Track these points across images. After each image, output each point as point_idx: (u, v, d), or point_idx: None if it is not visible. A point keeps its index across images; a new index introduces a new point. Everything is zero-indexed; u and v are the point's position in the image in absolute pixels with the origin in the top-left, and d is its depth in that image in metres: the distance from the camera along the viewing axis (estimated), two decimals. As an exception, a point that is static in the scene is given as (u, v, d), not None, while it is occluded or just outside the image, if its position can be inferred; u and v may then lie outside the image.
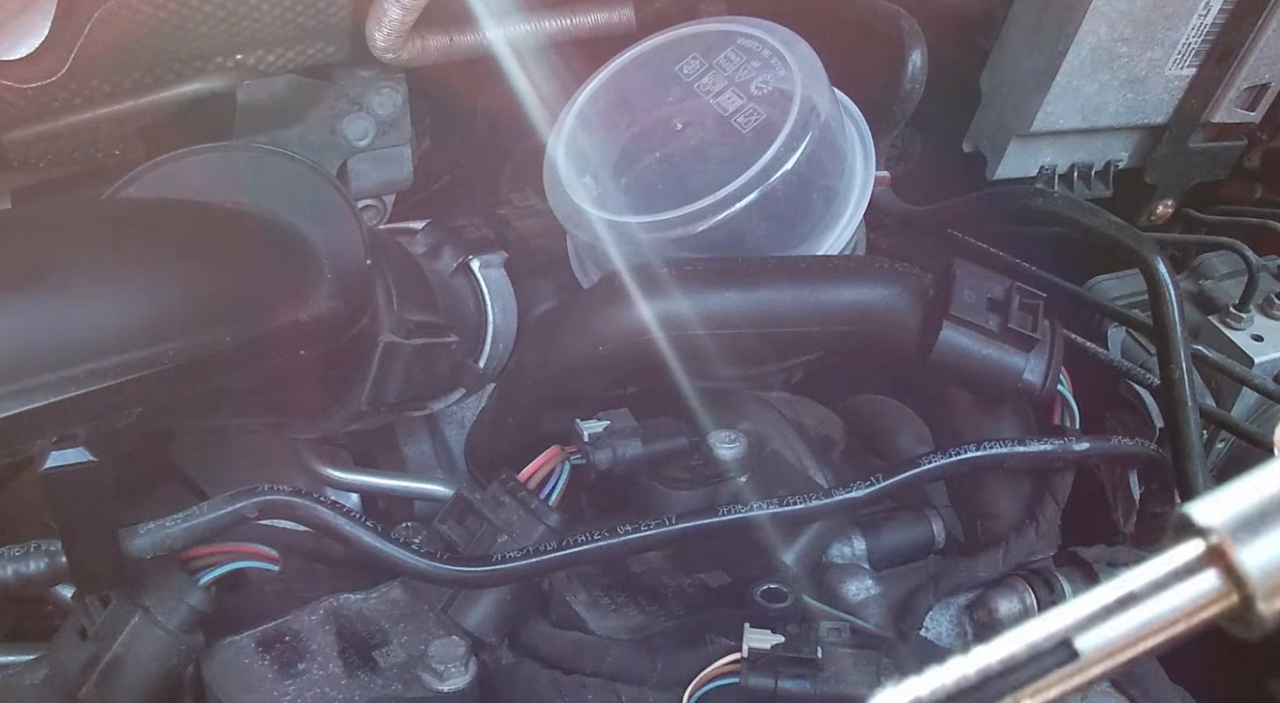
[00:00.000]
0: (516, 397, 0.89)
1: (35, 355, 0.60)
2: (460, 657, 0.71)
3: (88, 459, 0.60)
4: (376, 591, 0.79)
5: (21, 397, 0.59)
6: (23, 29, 0.64)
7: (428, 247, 0.94)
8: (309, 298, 0.73)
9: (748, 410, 0.92)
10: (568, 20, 0.91)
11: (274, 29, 0.79)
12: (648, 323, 0.78)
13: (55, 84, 0.68)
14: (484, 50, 0.88)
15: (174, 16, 0.73)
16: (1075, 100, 1.08)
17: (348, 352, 0.77)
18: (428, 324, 0.83)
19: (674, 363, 0.79)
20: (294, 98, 0.84)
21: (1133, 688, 0.79)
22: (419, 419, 0.99)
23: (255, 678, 0.72)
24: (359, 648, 0.75)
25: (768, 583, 0.73)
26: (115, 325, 0.63)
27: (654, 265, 0.81)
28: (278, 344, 0.70)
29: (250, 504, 0.68)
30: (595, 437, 0.79)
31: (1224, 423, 1.01)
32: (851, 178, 0.90)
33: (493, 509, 0.77)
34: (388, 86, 0.89)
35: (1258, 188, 1.33)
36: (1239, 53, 1.09)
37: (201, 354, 0.65)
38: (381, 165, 0.94)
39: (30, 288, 0.62)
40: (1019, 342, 0.77)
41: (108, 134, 0.81)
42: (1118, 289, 1.18)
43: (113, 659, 0.70)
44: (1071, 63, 1.05)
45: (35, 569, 0.66)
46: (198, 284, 0.69)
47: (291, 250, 0.75)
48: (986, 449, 0.80)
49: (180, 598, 0.71)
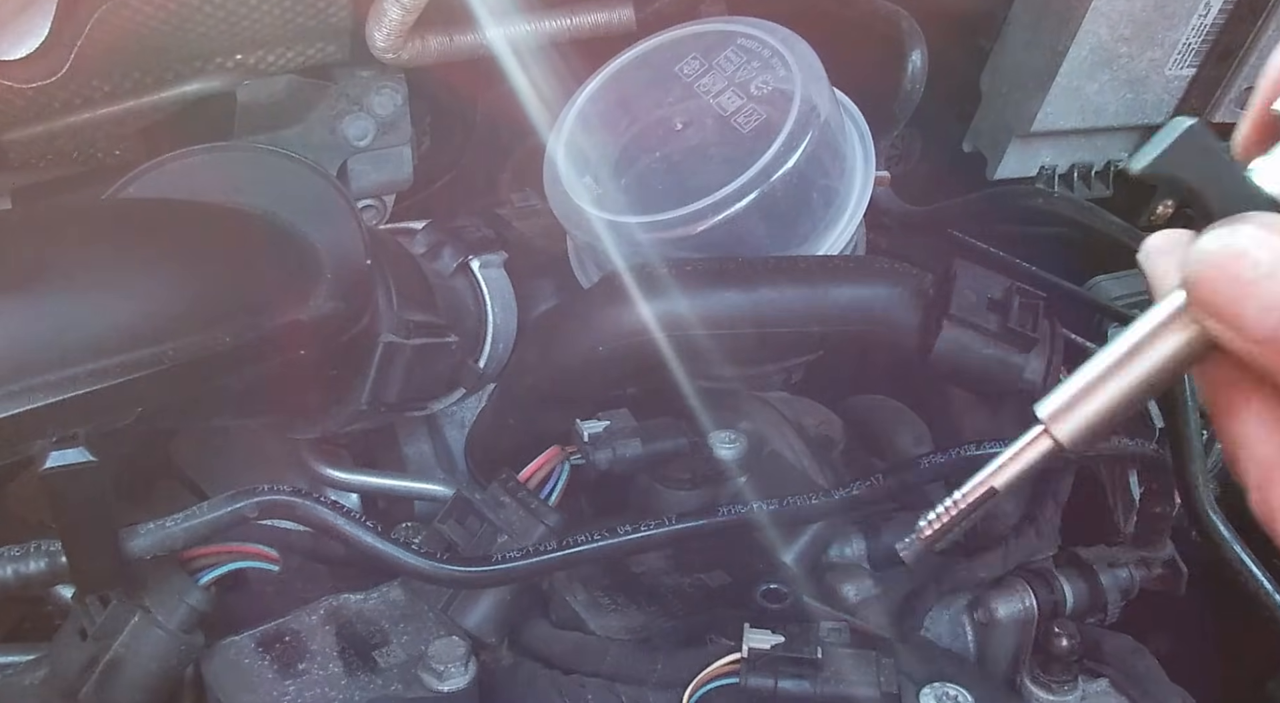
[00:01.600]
0: (516, 397, 0.89)
1: (35, 355, 0.60)
2: (460, 657, 0.71)
3: (88, 459, 0.60)
4: (376, 591, 0.79)
5: (21, 397, 0.59)
6: (23, 29, 0.64)
7: (428, 247, 0.94)
8: (309, 298, 0.73)
9: (748, 410, 0.92)
10: (568, 20, 0.91)
11: (274, 29, 0.79)
12: (648, 323, 0.78)
13: (55, 84, 0.68)
14: (484, 50, 0.88)
15: (174, 16, 0.73)
16: (1075, 100, 1.08)
17: (348, 352, 0.77)
18: (428, 324, 0.83)
19: (674, 363, 0.79)
20: (294, 98, 0.84)
21: (1132, 688, 0.79)
22: (419, 419, 0.99)
23: (255, 678, 0.72)
24: (359, 648, 0.75)
25: (768, 583, 0.73)
26: (115, 325, 0.63)
27: (654, 265, 0.81)
28: (278, 344, 0.70)
29: (250, 504, 0.68)
30: (595, 437, 0.79)
31: (1224, 423, 1.00)
32: (851, 178, 0.90)
33: (493, 509, 0.77)
34: (388, 86, 0.89)
35: (1257, 188, 1.33)
36: (1239, 53, 1.09)
37: (201, 354, 0.65)
38: (381, 165, 0.94)
39: (30, 288, 0.62)
40: (1019, 341, 0.77)
41: (108, 134, 0.81)
42: (1118, 289, 1.18)
43: (113, 659, 0.70)
44: (1072, 63, 1.05)
45: (35, 569, 0.66)
46: (198, 284, 0.69)
47: (291, 250, 0.75)
48: (986, 449, 0.80)
49: (180, 598, 0.71)
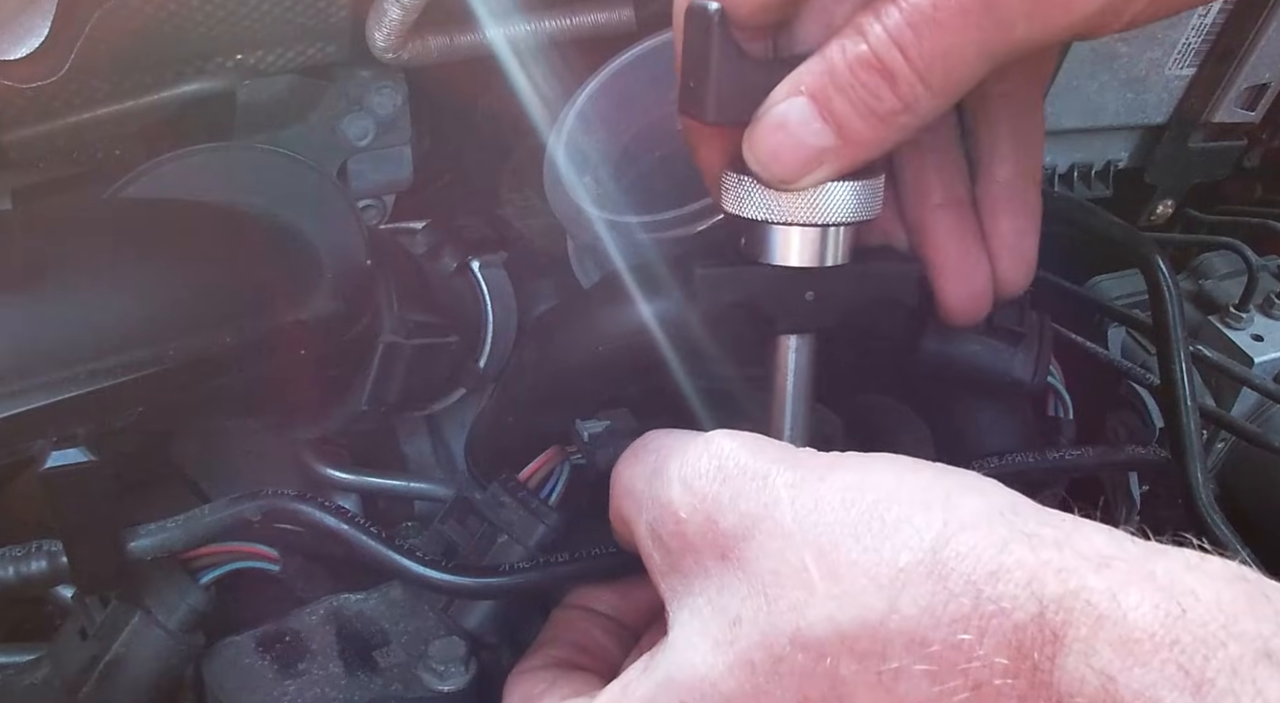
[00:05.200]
0: (516, 397, 0.89)
1: (35, 355, 0.60)
2: (460, 657, 0.71)
3: (88, 459, 0.60)
4: (376, 591, 0.79)
5: (21, 397, 0.59)
6: (23, 29, 0.64)
7: (428, 247, 0.94)
8: (309, 298, 0.73)
9: (748, 410, 0.92)
10: (568, 20, 0.91)
11: (274, 29, 0.79)
12: (648, 323, 0.78)
13: (55, 84, 0.68)
14: (484, 50, 0.88)
15: (174, 16, 0.73)
16: (1075, 100, 1.08)
17: (348, 352, 0.77)
18: (428, 324, 0.84)
19: (674, 363, 0.79)
20: (294, 98, 0.84)
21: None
22: (419, 419, 0.99)
23: (255, 678, 0.72)
24: (359, 648, 0.75)
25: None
26: (115, 325, 0.63)
27: (654, 265, 0.81)
28: (278, 344, 0.70)
29: (253, 507, 0.68)
30: (595, 437, 0.79)
31: (1224, 423, 1.01)
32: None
33: (493, 509, 0.77)
34: (388, 86, 0.89)
35: (1258, 188, 1.33)
36: (1239, 53, 1.09)
37: (202, 354, 0.65)
38: (381, 165, 0.94)
39: (30, 288, 0.62)
40: (1006, 337, 0.77)
41: (108, 134, 0.80)
42: (1118, 289, 1.18)
43: (113, 659, 0.70)
44: (1071, 63, 1.05)
45: (35, 569, 0.66)
46: (198, 284, 0.69)
47: (291, 250, 0.75)
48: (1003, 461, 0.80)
49: (180, 598, 0.71)
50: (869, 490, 0.48)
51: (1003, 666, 0.40)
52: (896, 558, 0.44)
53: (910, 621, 0.42)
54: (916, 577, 0.43)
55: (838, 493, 0.49)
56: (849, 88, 0.55)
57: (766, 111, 0.58)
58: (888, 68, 0.54)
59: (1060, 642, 0.39)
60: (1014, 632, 0.40)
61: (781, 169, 0.58)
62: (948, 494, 0.46)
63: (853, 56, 0.54)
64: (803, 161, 0.58)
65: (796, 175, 0.58)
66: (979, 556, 0.43)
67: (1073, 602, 0.40)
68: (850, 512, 0.47)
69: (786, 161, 0.58)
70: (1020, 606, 0.41)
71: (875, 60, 0.54)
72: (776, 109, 0.57)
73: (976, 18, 0.51)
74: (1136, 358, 1.13)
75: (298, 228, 0.75)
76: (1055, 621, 0.40)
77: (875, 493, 0.48)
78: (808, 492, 0.49)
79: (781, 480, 0.51)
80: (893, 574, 0.44)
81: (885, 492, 0.48)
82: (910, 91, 0.54)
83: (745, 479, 0.52)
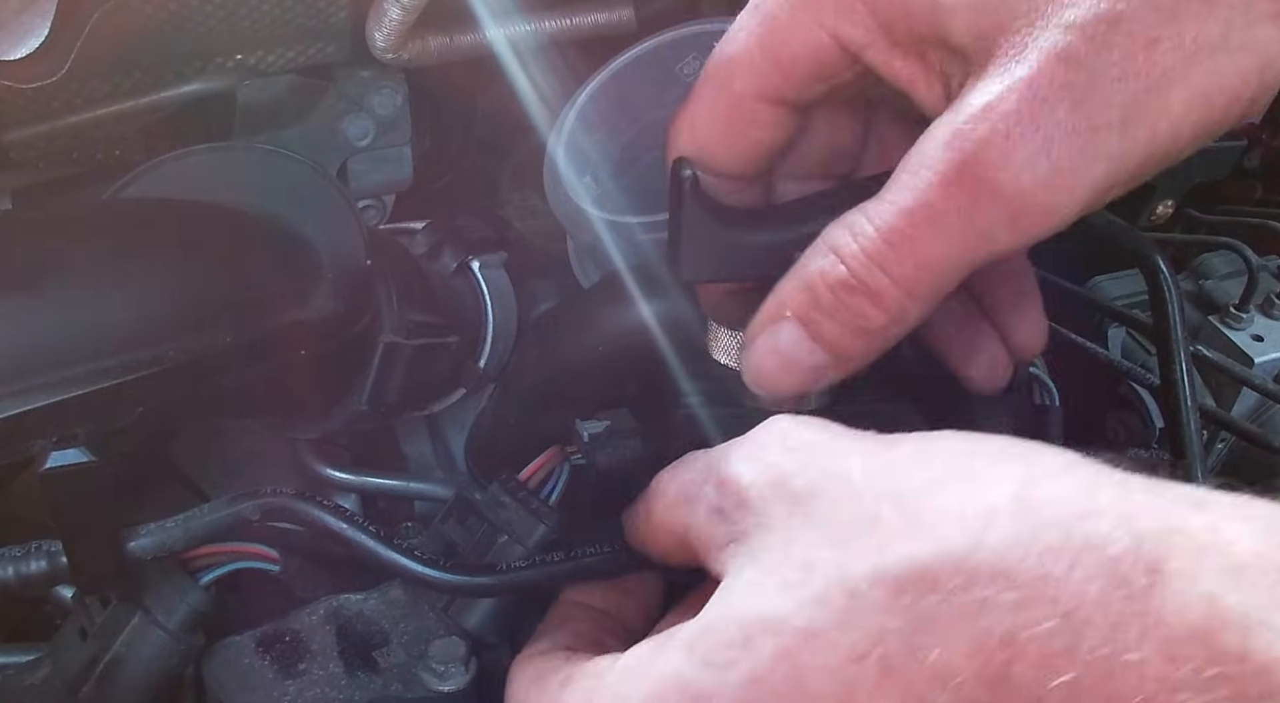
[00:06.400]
0: (516, 397, 0.89)
1: (35, 355, 0.60)
2: (460, 657, 0.71)
3: (88, 459, 0.60)
4: (376, 591, 0.79)
5: (21, 397, 0.59)
6: (23, 29, 0.64)
7: (428, 247, 0.94)
8: (309, 298, 0.73)
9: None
10: (568, 20, 0.91)
11: (274, 29, 0.79)
12: (648, 323, 0.78)
13: (55, 84, 0.68)
14: (484, 50, 0.88)
15: (174, 17, 0.73)
16: (1075, 100, 1.08)
17: (348, 352, 0.77)
18: (428, 324, 0.84)
19: (674, 363, 0.79)
20: (294, 98, 0.84)
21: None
22: (419, 419, 0.99)
23: (255, 678, 0.72)
24: (359, 648, 0.75)
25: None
26: (115, 325, 0.63)
27: (654, 265, 0.81)
28: (278, 344, 0.70)
29: (252, 506, 0.68)
30: (595, 437, 0.79)
31: (1224, 423, 1.01)
32: (851, 178, 0.90)
33: (493, 510, 0.77)
34: (388, 86, 0.89)
35: (1258, 188, 1.33)
36: (1239, 53, 1.09)
37: (202, 354, 0.65)
38: (381, 165, 0.94)
39: (30, 288, 0.62)
40: None
41: (108, 134, 0.80)
42: (1118, 289, 1.18)
43: (113, 659, 0.70)
44: (1071, 63, 1.04)
45: (35, 569, 0.66)
46: (198, 284, 0.69)
47: (291, 250, 0.75)
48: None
49: (180, 598, 0.71)
50: (940, 454, 0.48)
51: (1095, 593, 0.39)
52: (980, 499, 0.43)
53: (996, 554, 0.41)
54: (1003, 516, 0.42)
55: (909, 457, 0.48)
56: (834, 311, 0.55)
57: (756, 335, 0.59)
58: (871, 288, 0.54)
59: (1159, 572, 0.39)
60: (1109, 563, 0.39)
61: (781, 388, 0.60)
62: (1026, 451, 0.46)
63: (834, 280, 0.54)
64: (800, 381, 0.59)
65: (796, 391, 0.60)
66: (1068, 499, 0.42)
67: (1171, 537, 0.39)
68: (926, 470, 0.47)
69: (785, 381, 0.59)
70: (1115, 540, 0.40)
71: (857, 283, 0.54)
72: (767, 333, 0.58)
73: (957, 231, 0.51)
74: (1136, 358, 1.13)
75: (298, 228, 0.75)
76: (1154, 553, 0.39)
77: (948, 454, 0.47)
78: (878, 456, 0.49)
79: (850, 448, 0.50)
80: (977, 513, 0.43)
81: (959, 452, 0.47)
82: (897, 306, 0.54)
83: (811, 449, 0.51)
